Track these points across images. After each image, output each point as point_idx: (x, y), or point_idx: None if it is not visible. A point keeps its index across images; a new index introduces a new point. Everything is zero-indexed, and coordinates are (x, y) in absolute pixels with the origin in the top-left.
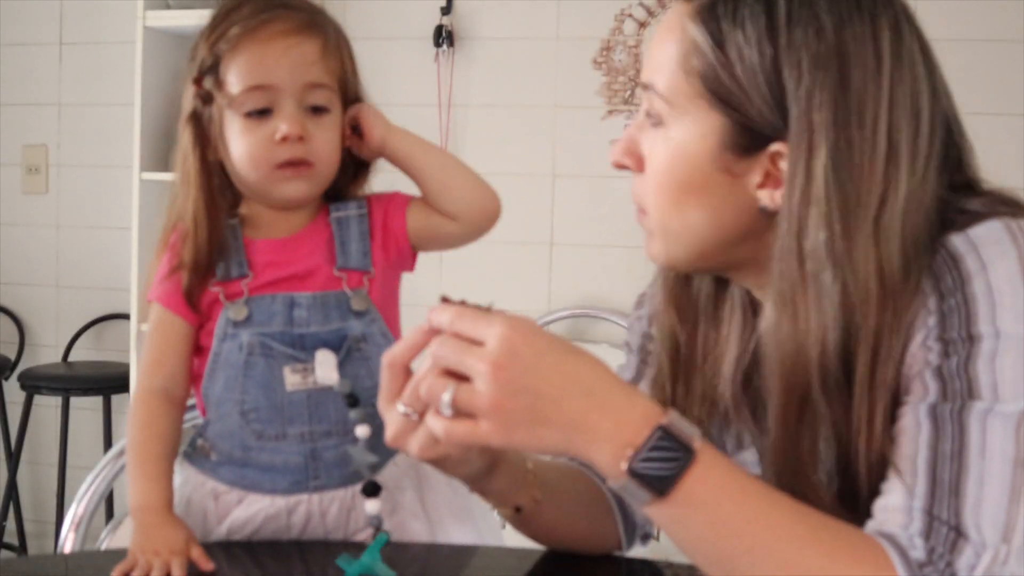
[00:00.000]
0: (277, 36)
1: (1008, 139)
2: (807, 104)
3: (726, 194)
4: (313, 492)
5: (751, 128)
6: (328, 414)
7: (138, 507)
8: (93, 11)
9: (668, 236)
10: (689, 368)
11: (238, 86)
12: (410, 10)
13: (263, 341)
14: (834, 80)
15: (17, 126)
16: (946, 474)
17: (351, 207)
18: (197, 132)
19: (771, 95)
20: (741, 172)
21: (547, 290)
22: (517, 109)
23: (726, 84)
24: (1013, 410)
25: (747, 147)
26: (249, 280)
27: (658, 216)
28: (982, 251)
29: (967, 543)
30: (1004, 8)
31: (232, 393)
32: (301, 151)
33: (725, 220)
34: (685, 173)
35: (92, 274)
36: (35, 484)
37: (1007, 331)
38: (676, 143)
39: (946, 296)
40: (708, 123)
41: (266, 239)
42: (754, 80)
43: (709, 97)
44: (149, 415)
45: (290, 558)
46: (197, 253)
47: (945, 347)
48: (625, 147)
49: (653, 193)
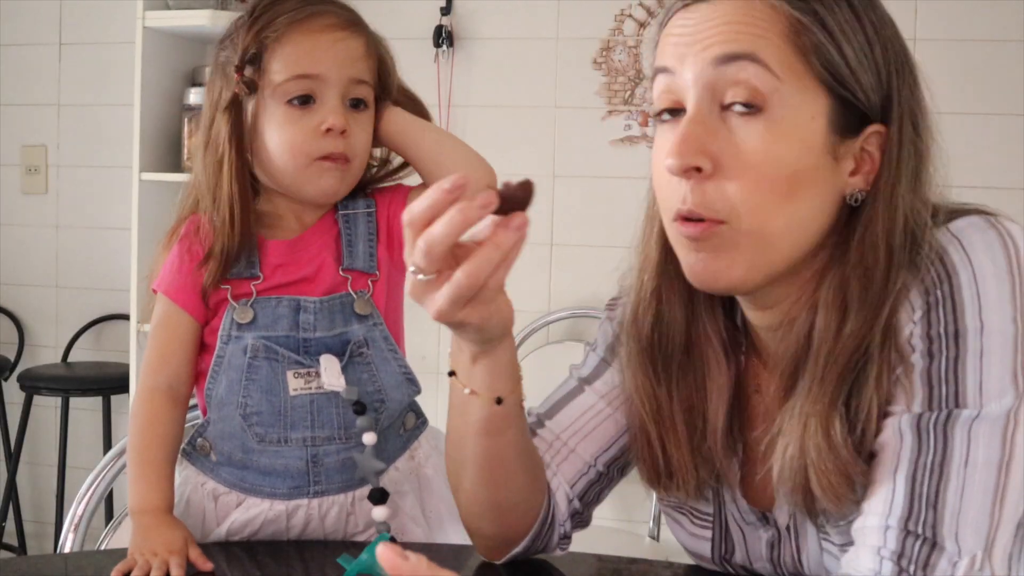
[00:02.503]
0: (327, 29)
1: (1008, 139)
2: (901, 82)
3: (829, 182)
4: (313, 497)
5: (854, 108)
6: (330, 419)
7: (138, 509)
8: (93, 11)
9: (763, 242)
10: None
11: (284, 74)
12: (410, 10)
13: (267, 345)
14: (909, 60)
15: (17, 126)
16: (926, 486)
17: (359, 204)
18: (236, 121)
19: (876, 74)
20: (840, 157)
21: (547, 290)
22: (517, 109)
23: (836, 62)
24: (998, 412)
25: (849, 128)
26: (258, 282)
27: (757, 219)
28: (965, 241)
29: (942, 555)
30: (1004, 8)
31: (234, 395)
32: (342, 145)
33: (823, 213)
34: (799, 160)
35: (92, 274)
36: (35, 484)
37: (992, 325)
38: (785, 126)
39: (930, 290)
40: (817, 103)
41: (277, 240)
42: (864, 58)
43: (823, 75)
44: (152, 414)
45: (289, 558)
46: (228, 247)
47: (930, 345)
48: (698, 146)
49: (755, 190)
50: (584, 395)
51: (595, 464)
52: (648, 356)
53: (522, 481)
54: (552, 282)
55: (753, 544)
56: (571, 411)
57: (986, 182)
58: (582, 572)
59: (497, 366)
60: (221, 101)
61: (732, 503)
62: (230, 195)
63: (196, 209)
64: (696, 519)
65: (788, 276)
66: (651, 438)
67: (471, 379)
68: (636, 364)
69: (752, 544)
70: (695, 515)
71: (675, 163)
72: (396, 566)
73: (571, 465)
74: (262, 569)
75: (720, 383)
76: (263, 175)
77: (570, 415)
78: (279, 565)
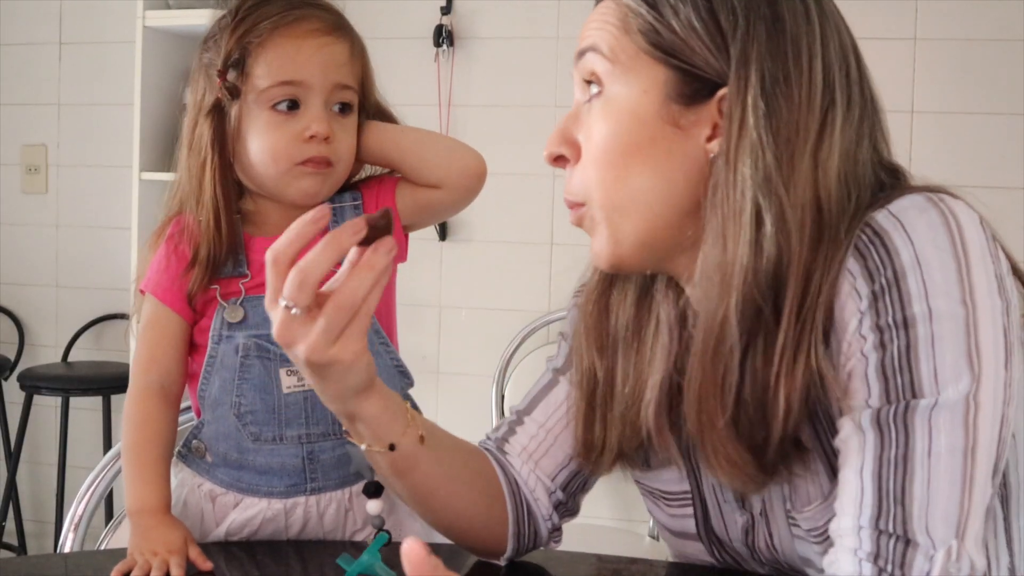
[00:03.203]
0: (311, 34)
1: (1008, 139)
2: (743, 42)
3: (674, 150)
4: (311, 494)
5: (697, 76)
6: (325, 416)
7: (136, 509)
8: (93, 11)
9: (615, 216)
10: (607, 399)
11: (268, 80)
12: (410, 10)
13: (259, 343)
14: (767, 18)
15: (17, 126)
16: (892, 482)
17: (346, 198)
18: (218, 125)
19: (711, 40)
20: (689, 124)
21: (547, 290)
22: (517, 109)
23: (665, 36)
24: (956, 397)
25: (693, 96)
26: (247, 280)
27: (602, 194)
28: (906, 222)
29: (916, 551)
30: (1004, 8)
31: (228, 395)
32: (325, 150)
33: (675, 181)
34: (630, 132)
35: (92, 274)
36: (35, 484)
37: (940, 310)
38: (618, 103)
39: (875, 276)
40: (651, 77)
41: (265, 237)
42: (691, 27)
43: (650, 50)
44: (145, 414)
45: (288, 558)
46: (214, 251)
47: (880, 336)
48: (560, 136)
49: (595, 167)
50: (559, 386)
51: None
52: (595, 335)
53: (465, 502)
54: (552, 282)
55: (731, 527)
56: (548, 404)
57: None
58: (582, 572)
59: (374, 418)
60: (204, 105)
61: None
62: (213, 199)
63: (182, 209)
64: (671, 501)
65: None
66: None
67: (359, 437)
68: (583, 342)
69: (730, 527)
70: (668, 497)
71: (545, 155)
72: (420, 562)
73: (552, 458)
74: (261, 569)
75: (661, 360)
76: (245, 178)
77: (547, 408)
78: (278, 565)
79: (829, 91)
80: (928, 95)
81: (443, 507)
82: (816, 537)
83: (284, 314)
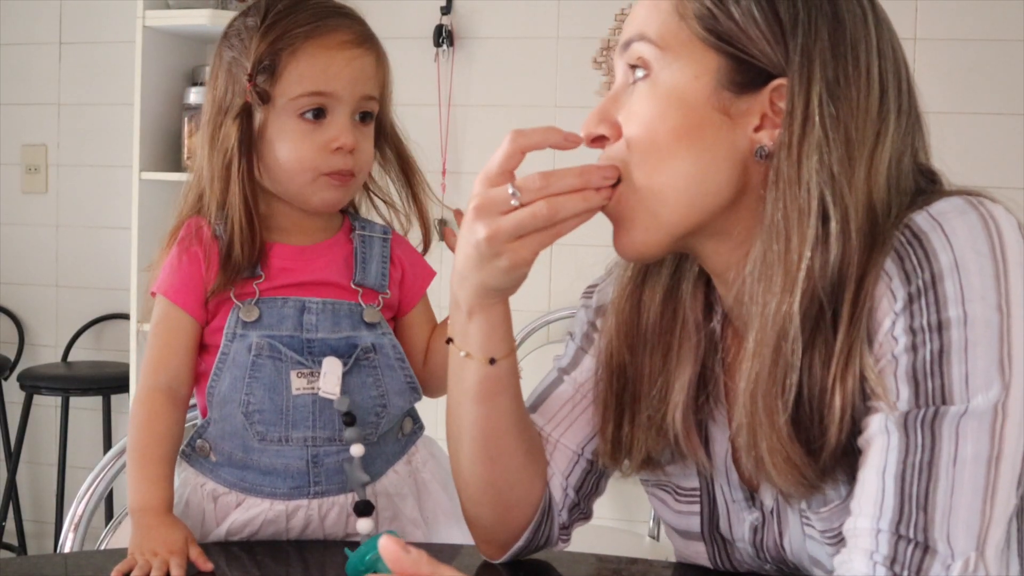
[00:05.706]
0: (343, 46)
1: (1008, 139)
2: (805, 36)
3: (721, 138)
4: (313, 497)
5: (751, 65)
6: (331, 420)
7: (138, 508)
8: (93, 11)
9: (651, 201)
10: (635, 399)
11: (298, 89)
12: (410, 10)
13: (271, 343)
14: (828, 16)
15: (17, 126)
16: (915, 487)
17: (376, 229)
18: (246, 129)
19: (770, 30)
20: (738, 113)
21: (547, 290)
22: (517, 109)
23: (723, 22)
24: (985, 406)
25: (746, 84)
26: (261, 281)
27: (642, 176)
28: (945, 225)
29: (935, 559)
30: (1004, 8)
31: (237, 393)
32: (351, 162)
33: (717, 169)
34: (678, 116)
35: (92, 274)
36: (35, 484)
37: (975, 315)
38: (667, 87)
39: (912, 277)
40: (703, 63)
41: (282, 243)
42: (751, 16)
43: (705, 36)
44: (152, 414)
45: (289, 558)
46: (239, 255)
47: (913, 338)
48: (601, 115)
49: (636, 146)
50: (564, 385)
51: (583, 453)
52: (626, 332)
53: (519, 460)
54: (552, 282)
55: (737, 525)
56: (553, 402)
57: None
58: (582, 572)
59: (492, 324)
60: (231, 107)
61: (723, 475)
62: (244, 201)
63: (196, 210)
64: (681, 496)
65: (709, 237)
66: (613, 413)
67: (466, 340)
68: (615, 340)
69: (736, 525)
70: (679, 492)
71: (582, 134)
72: (398, 559)
73: (562, 455)
74: (262, 569)
75: (688, 360)
76: (267, 181)
77: (553, 406)
78: (279, 565)
79: (885, 98)
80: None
81: (499, 455)
82: (830, 538)
83: (497, 193)
